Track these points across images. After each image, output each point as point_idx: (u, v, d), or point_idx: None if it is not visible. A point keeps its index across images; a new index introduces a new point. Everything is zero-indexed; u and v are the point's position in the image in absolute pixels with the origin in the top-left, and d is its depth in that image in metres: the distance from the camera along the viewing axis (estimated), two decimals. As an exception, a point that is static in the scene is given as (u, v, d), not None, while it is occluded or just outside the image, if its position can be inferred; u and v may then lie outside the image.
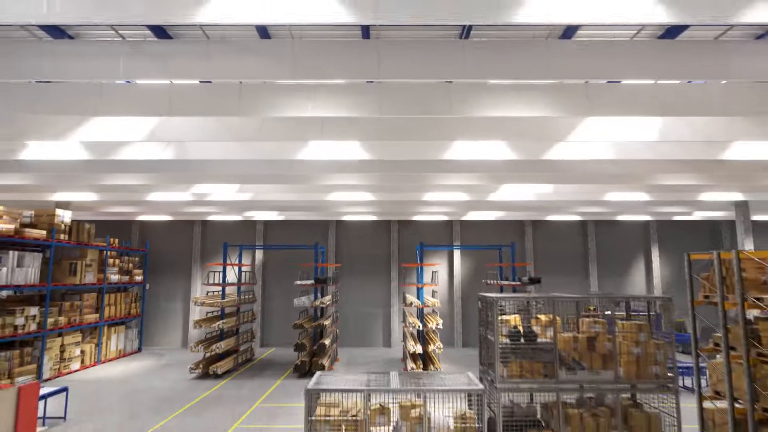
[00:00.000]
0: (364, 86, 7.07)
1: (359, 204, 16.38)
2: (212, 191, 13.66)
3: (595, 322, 8.03)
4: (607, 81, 7.21)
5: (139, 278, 19.90)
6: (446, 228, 21.53)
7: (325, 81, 6.93)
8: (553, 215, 19.35)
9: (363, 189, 13.84)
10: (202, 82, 7.28)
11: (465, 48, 6.17)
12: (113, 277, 18.05)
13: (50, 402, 11.90)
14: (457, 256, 21.20)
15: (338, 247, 21.43)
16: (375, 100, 7.04)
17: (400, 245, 21.39)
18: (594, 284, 21.02)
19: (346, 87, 7.10)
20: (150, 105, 6.97)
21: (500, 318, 7.79)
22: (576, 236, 21.42)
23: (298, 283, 15.76)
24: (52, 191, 14.54)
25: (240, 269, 18.31)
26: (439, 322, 14.92)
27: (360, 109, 7.02)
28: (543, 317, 8.30)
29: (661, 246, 21.53)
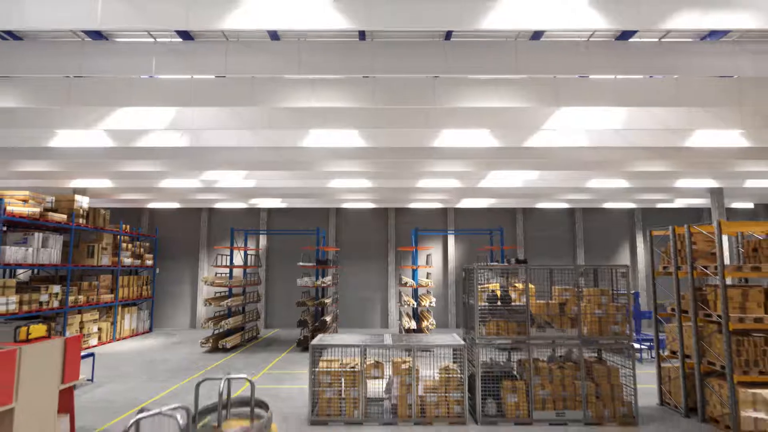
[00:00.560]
0: (360, 80, 8.11)
1: (358, 191, 17.43)
2: (221, 178, 14.71)
3: (565, 290, 9.11)
4: (579, 75, 8.24)
5: (150, 263, 21.01)
6: (441, 215, 22.60)
7: (327, 76, 7.96)
8: (543, 203, 20.41)
9: (361, 176, 14.88)
10: (218, 77, 8.31)
11: (446, 48, 7.19)
12: (126, 260, 19.15)
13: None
14: (452, 242, 22.28)
15: (338, 235, 22.52)
16: (370, 93, 8.08)
17: (397, 232, 22.47)
18: (581, 269, 22.05)
19: (345, 81, 8.14)
20: (174, 97, 8.01)
21: (480, 285, 8.86)
22: (564, 223, 22.49)
23: (301, 265, 16.86)
24: (71, 178, 15.57)
25: (245, 253, 19.40)
26: (432, 301, 16.08)
27: (357, 101, 8.07)
28: (520, 285, 9.38)
29: (646, 232, 22.60)
